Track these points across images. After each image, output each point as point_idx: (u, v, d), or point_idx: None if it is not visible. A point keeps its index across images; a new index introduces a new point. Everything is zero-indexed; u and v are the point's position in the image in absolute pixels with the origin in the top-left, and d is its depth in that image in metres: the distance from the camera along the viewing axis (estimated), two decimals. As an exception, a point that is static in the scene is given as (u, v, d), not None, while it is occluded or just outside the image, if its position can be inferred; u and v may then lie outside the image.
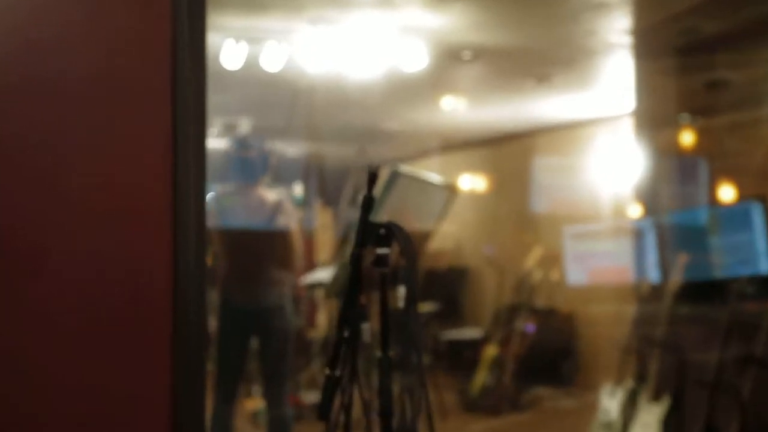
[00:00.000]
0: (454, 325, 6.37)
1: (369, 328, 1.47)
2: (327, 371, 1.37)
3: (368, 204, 1.43)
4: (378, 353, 1.39)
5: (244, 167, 3.26)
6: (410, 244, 1.42)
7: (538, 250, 5.65)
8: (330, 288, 3.44)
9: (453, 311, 6.61)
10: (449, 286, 6.73)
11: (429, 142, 6.67)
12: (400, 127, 6.08)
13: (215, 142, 4.12)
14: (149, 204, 1.64)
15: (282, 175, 5.35)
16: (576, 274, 5.17)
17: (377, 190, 1.75)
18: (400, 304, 1.45)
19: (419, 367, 1.34)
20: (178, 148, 1.66)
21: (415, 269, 1.41)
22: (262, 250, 3.22)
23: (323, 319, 5.61)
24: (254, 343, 3.25)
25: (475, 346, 5.63)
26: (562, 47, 3.84)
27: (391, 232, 1.41)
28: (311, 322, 5.73)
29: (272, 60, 3.82)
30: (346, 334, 1.41)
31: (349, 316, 1.42)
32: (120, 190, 1.64)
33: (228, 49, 3.75)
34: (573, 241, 5.19)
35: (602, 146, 5.61)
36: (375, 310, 1.48)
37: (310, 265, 6.73)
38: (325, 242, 6.60)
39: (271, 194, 3.28)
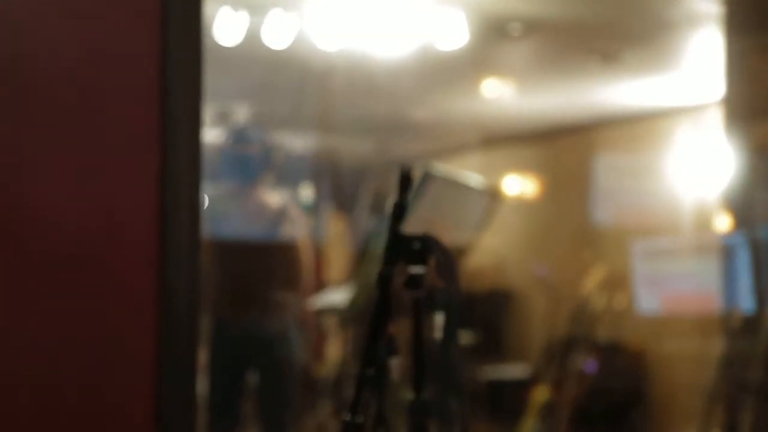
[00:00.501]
0: (496, 361, 6.34)
1: (399, 365, 1.47)
2: (346, 416, 1.37)
3: (399, 212, 1.42)
4: (409, 395, 1.38)
5: (241, 165, 3.29)
6: (451, 261, 1.41)
7: (601, 271, 5.61)
8: (345, 314, 3.44)
9: (494, 344, 6.58)
10: (490, 312, 6.70)
11: (467, 136, 6.66)
12: (433, 117, 6.09)
13: (207, 134, 4.14)
14: (132, 210, 1.66)
15: (287, 175, 5.38)
16: (648, 300, 5.13)
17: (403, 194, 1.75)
18: (437, 335, 1.45)
19: (461, 414, 1.33)
20: (167, 143, 1.67)
21: (457, 292, 1.40)
22: (263, 265, 3.24)
23: (334, 352, 5.60)
24: (252, 378, 3.26)
25: (522, 387, 5.59)
26: (634, 18, 3.83)
27: (427, 247, 1.40)
28: (319, 355, 5.73)
29: (278, 34, 3.85)
30: (370, 371, 1.40)
31: (375, 349, 1.41)
32: (98, 195, 1.66)
33: (224, 19, 3.78)
34: (644, 260, 5.15)
35: (683, 142, 5.57)
36: (405, 341, 1.48)
37: (320, 285, 6.73)
38: (338, 257, 6.61)
39: (273, 197, 3.30)
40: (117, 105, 1.68)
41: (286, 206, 3.29)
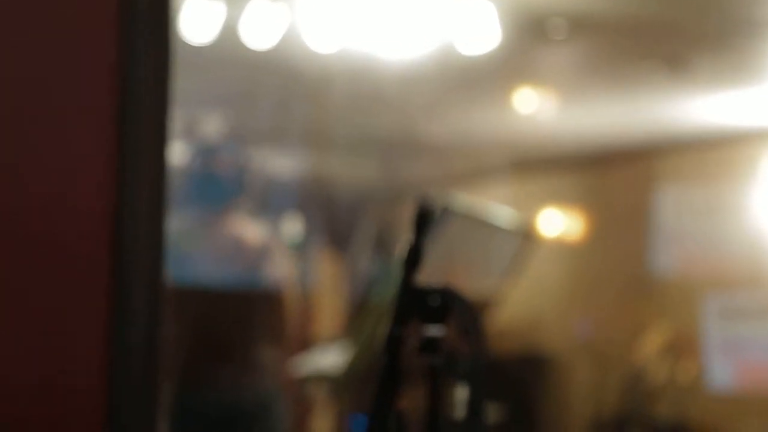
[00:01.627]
0: (528, 445, 6.31)
1: (410, 449, 1.48)
2: None
3: (414, 259, 1.44)
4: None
5: (209, 188, 3.31)
6: (477, 320, 1.42)
7: (662, 333, 5.61)
8: (338, 382, 3.43)
9: (526, 423, 6.56)
10: (521, 383, 6.69)
11: (495, 160, 6.71)
12: (452, 135, 6.13)
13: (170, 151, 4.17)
14: (79, 249, 1.67)
15: (269, 203, 5.40)
16: (722, 372, 5.12)
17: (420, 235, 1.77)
18: (459, 412, 1.46)
19: None
20: (124, 165, 1.69)
21: (483, 359, 1.42)
22: (236, 319, 3.25)
23: (323, 429, 5.58)
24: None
25: (561, 479, 5.56)
26: (707, 17, 3.86)
27: (448, 302, 1.42)
28: (301, 424, 5.69)
29: (261, 31, 3.89)
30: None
31: (382, 427, 1.42)
32: (39, 230, 1.68)
33: (195, 11, 3.83)
34: (718, 321, 5.15)
35: None
36: (418, 419, 1.48)
37: (306, 343, 6.71)
38: (331, 307, 6.61)
39: (251, 231, 3.31)
40: (64, 114, 1.71)
41: (268, 242, 3.30)
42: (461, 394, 1.44)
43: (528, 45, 4.23)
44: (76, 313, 1.69)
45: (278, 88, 4.85)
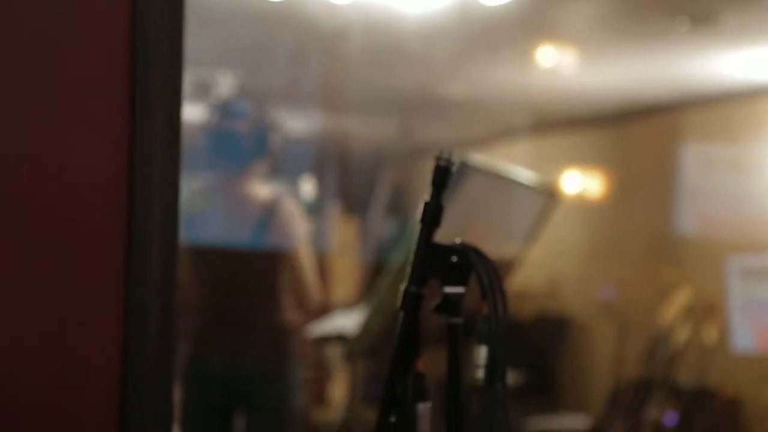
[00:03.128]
0: (548, 409, 6.34)
1: (429, 412, 1.48)
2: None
3: (433, 216, 1.44)
4: (442, 451, 1.39)
5: (227, 148, 3.28)
6: (498, 280, 1.42)
7: (685, 295, 5.60)
8: (354, 344, 3.44)
9: (546, 386, 6.58)
10: (540, 345, 6.70)
11: (515, 119, 6.67)
12: (471, 93, 6.10)
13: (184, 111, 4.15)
14: (97, 204, 1.68)
15: (284, 165, 5.38)
16: (746, 335, 5.11)
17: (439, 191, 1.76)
18: (479, 374, 1.46)
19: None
20: (137, 125, 1.69)
21: (504, 320, 1.41)
22: (250, 279, 3.25)
23: (339, 393, 5.63)
24: (239, 424, 3.28)
25: (581, 443, 5.59)
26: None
27: (468, 261, 1.42)
28: (320, 397, 5.74)
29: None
30: (392, 419, 1.41)
31: (399, 390, 1.42)
32: (45, 198, 1.68)
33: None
34: (743, 282, 5.12)
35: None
36: (437, 381, 1.48)
37: (323, 307, 6.73)
38: (347, 270, 6.62)
39: (263, 190, 3.28)
40: (77, 73, 1.71)
41: (280, 200, 3.27)
42: (481, 355, 1.43)
43: (549, 2, 4.20)
44: (90, 275, 1.70)
45: (291, 44, 4.82)
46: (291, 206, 3.25)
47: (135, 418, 1.67)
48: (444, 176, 1.45)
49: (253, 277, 3.24)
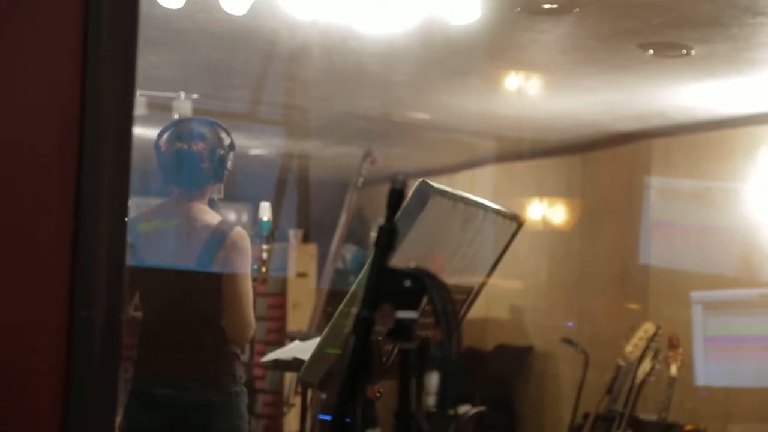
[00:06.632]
0: (508, 440, 6.33)
1: (379, 439, 1.48)
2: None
3: (388, 240, 1.44)
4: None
5: (182, 169, 3.27)
6: (452, 305, 1.43)
7: (649, 328, 5.63)
8: (309, 371, 3.41)
9: (505, 417, 6.57)
10: (501, 375, 6.71)
11: (479, 146, 6.71)
12: (434, 119, 6.12)
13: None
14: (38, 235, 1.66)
15: (242, 189, 5.36)
16: (710, 370, 5.13)
17: (398, 217, 1.77)
18: (429, 401, 1.46)
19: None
20: (84, 144, 1.69)
21: (457, 346, 1.42)
22: (191, 304, 3.23)
23: (290, 422, 5.59)
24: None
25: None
26: (703, 5, 3.86)
27: (421, 286, 1.42)
28: (276, 424, 5.70)
29: None
30: (341, 446, 1.41)
31: (349, 416, 1.42)
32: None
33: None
34: (707, 315, 5.16)
35: (765, 159, 5.57)
36: (388, 408, 1.49)
37: (280, 335, 6.72)
38: (306, 298, 6.60)
39: (215, 216, 3.28)
40: (18, 91, 1.70)
41: (228, 228, 3.26)
42: (432, 382, 1.44)
43: (515, 21, 4.21)
44: (36, 295, 1.68)
45: (251, 63, 4.81)
46: (238, 237, 3.24)
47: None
48: (399, 199, 1.45)
49: (198, 298, 3.22)
